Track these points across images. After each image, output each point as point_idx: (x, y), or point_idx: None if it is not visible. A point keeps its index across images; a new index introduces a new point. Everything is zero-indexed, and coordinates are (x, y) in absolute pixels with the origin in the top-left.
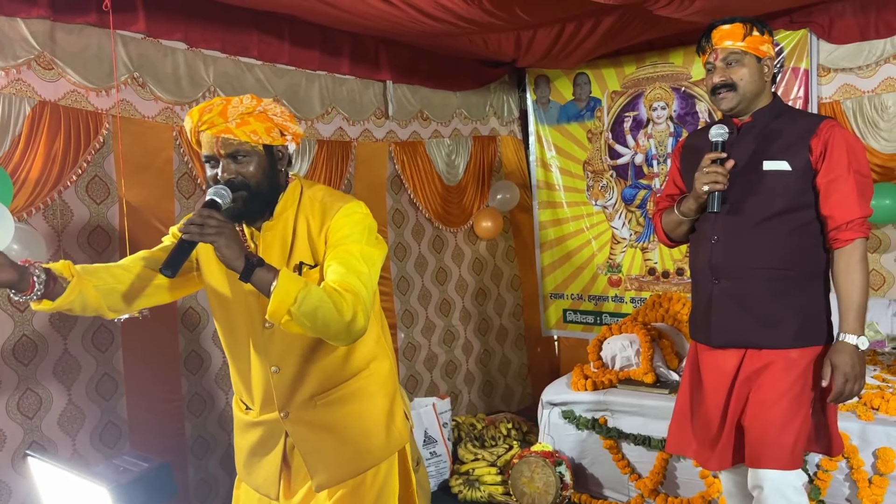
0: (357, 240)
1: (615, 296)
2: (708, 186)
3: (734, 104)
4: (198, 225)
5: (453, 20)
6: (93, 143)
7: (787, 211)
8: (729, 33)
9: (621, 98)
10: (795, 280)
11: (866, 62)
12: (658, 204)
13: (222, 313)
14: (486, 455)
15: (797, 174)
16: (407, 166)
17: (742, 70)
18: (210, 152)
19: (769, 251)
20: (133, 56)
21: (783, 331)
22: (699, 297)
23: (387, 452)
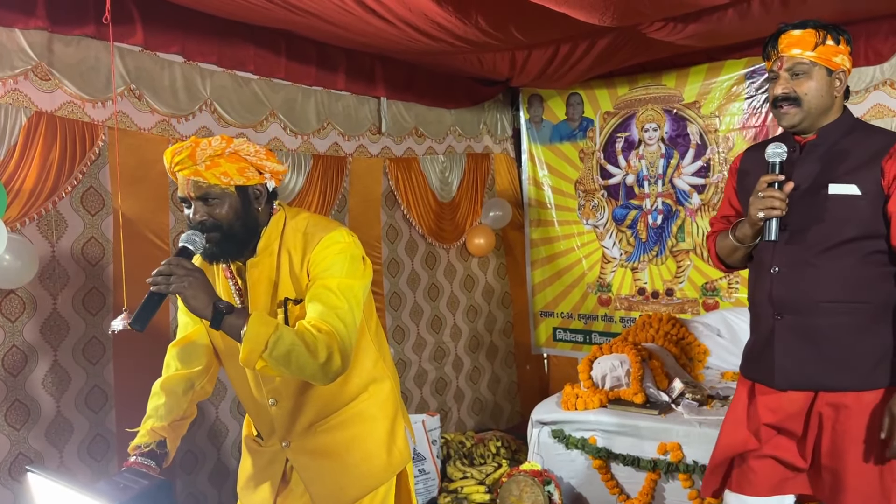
0: (336, 273)
1: (605, 315)
2: (763, 213)
3: (796, 121)
4: (165, 276)
5: (449, 39)
6: (88, 155)
7: (857, 239)
8: (798, 40)
9: (614, 119)
10: (867, 314)
11: (856, 88)
12: (713, 226)
13: (222, 349)
14: (474, 473)
15: (867, 199)
16: (401, 182)
17: (809, 83)
18: (183, 194)
19: (837, 283)
20: (130, 68)
21: (856, 371)
22: (759, 333)
23: (388, 474)
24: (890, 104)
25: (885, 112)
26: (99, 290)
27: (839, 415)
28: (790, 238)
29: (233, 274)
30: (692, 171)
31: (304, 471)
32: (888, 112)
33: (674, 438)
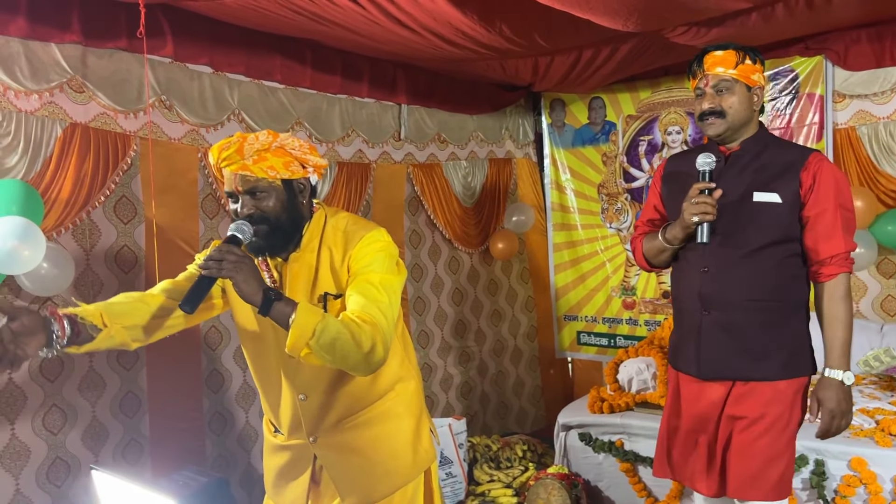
0: (377, 269)
1: (629, 318)
2: (697, 217)
3: (721, 131)
4: (216, 260)
5: (473, 46)
6: (121, 165)
7: (777, 243)
8: (721, 60)
9: (636, 122)
10: (783, 312)
11: (881, 89)
12: (637, 228)
13: (251, 342)
14: (501, 476)
15: (787, 206)
16: (425, 187)
17: (732, 98)
18: (230, 188)
19: (759, 283)
20: (161, 80)
21: (772, 362)
22: (685, 328)
23: (415, 472)
24: None
25: None
26: None
27: (751, 403)
28: (719, 241)
29: (269, 267)
30: None
31: (331, 467)
32: None
33: None
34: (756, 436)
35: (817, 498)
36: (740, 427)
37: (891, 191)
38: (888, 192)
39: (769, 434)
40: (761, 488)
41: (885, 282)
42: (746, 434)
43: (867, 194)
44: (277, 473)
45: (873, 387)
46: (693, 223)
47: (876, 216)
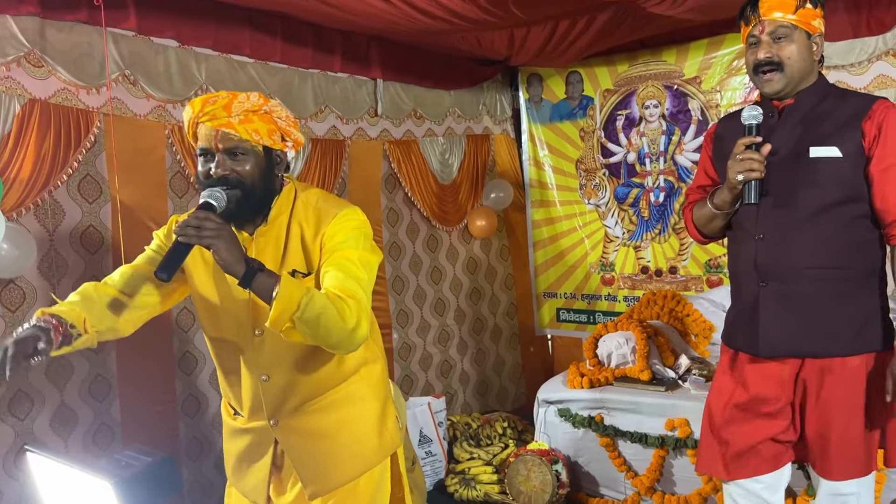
0: (354, 245)
1: (608, 294)
2: (742, 175)
3: (780, 87)
4: (194, 227)
5: (448, 17)
6: (84, 142)
7: (840, 203)
8: (780, 3)
9: (614, 96)
10: (851, 280)
11: (858, 59)
12: (688, 196)
13: (210, 320)
14: (481, 454)
15: (849, 161)
16: (402, 164)
17: (791, 47)
18: (207, 145)
19: (822, 249)
20: (124, 54)
21: (840, 337)
22: (742, 302)
23: (380, 457)
24: (893, 74)
25: (888, 83)
26: (99, 278)
27: (825, 381)
28: (773, 204)
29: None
30: (694, 148)
31: (292, 451)
32: (891, 83)
33: (681, 414)
34: (835, 418)
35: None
36: (819, 407)
37: None
38: None
39: (848, 415)
40: (851, 467)
41: None
42: (827, 415)
43: None
44: (238, 458)
45: None
46: (738, 182)
47: None
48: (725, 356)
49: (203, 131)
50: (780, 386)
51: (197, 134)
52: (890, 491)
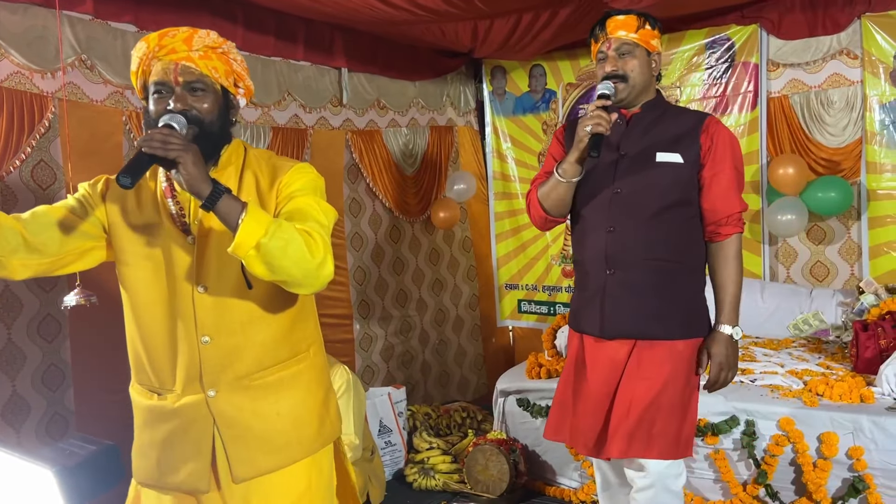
0: (312, 193)
1: (568, 286)
2: (591, 127)
3: (624, 95)
4: (160, 141)
5: (411, 8)
6: (38, 127)
7: (680, 203)
8: (623, 24)
9: (576, 90)
10: (683, 272)
11: (813, 58)
12: (534, 182)
13: (139, 280)
14: (440, 444)
15: (688, 167)
16: (365, 155)
17: (633, 61)
18: (164, 79)
19: (663, 243)
20: (81, 38)
21: (672, 322)
22: (588, 288)
23: (318, 445)
24: (846, 73)
25: (841, 81)
26: None
27: (650, 359)
28: (624, 200)
29: (174, 191)
30: None
31: (227, 428)
32: (844, 81)
33: None
34: (655, 394)
35: (748, 458)
36: (641, 386)
37: (821, 159)
38: (818, 160)
39: (667, 392)
40: (658, 446)
41: (814, 248)
42: (645, 392)
43: (798, 162)
44: (163, 446)
45: (802, 349)
46: (587, 133)
47: (807, 183)
48: (573, 340)
49: (160, 66)
50: (615, 365)
51: (149, 71)
52: (835, 479)
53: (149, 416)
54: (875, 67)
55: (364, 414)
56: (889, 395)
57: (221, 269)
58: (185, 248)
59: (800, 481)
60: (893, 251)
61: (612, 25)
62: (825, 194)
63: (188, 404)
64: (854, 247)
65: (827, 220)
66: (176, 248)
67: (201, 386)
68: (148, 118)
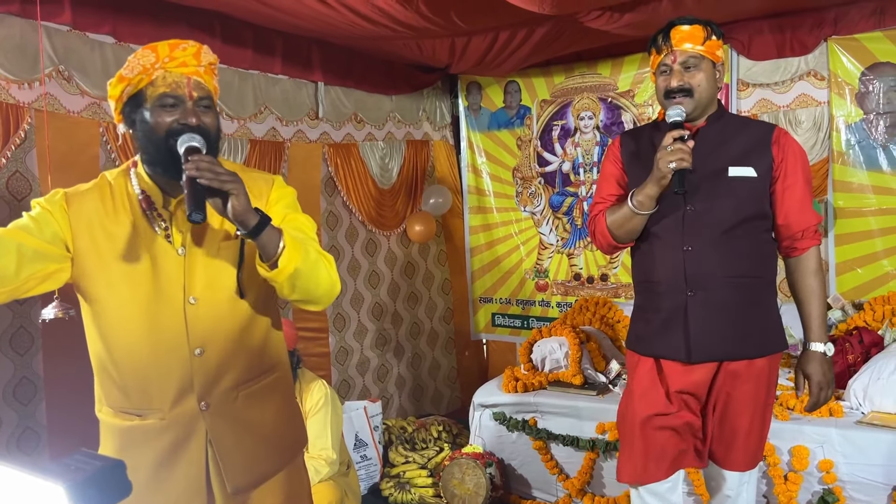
0: (297, 208)
1: (542, 300)
2: (675, 164)
3: (689, 110)
4: (209, 170)
5: (389, 24)
6: (13, 138)
7: (755, 217)
8: (689, 35)
9: (550, 107)
10: (760, 288)
11: (782, 78)
12: (596, 206)
13: (114, 296)
14: (416, 458)
15: (761, 180)
16: (341, 168)
17: (700, 75)
18: (179, 92)
19: (741, 259)
20: (58, 49)
21: (754, 340)
22: (663, 310)
23: (296, 449)
24: (814, 94)
25: (809, 101)
26: None
27: (736, 381)
28: (697, 218)
29: (153, 206)
30: None
31: (220, 440)
32: (812, 101)
33: (611, 418)
34: (744, 414)
35: None
36: (731, 406)
37: None
38: None
39: (754, 411)
40: (747, 460)
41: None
42: (736, 412)
43: None
44: (155, 466)
45: None
46: (669, 170)
47: None
48: (644, 365)
49: (170, 78)
50: (698, 389)
51: (150, 80)
52: (805, 492)
53: (128, 441)
54: (841, 89)
55: (341, 428)
56: (857, 409)
57: (211, 279)
58: (174, 260)
59: (772, 494)
60: (860, 268)
61: (677, 37)
62: None
63: (179, 421)
64: (822, 263)
65: None
66: (162, 261)
67: (194, 398)
68: (145, 128)
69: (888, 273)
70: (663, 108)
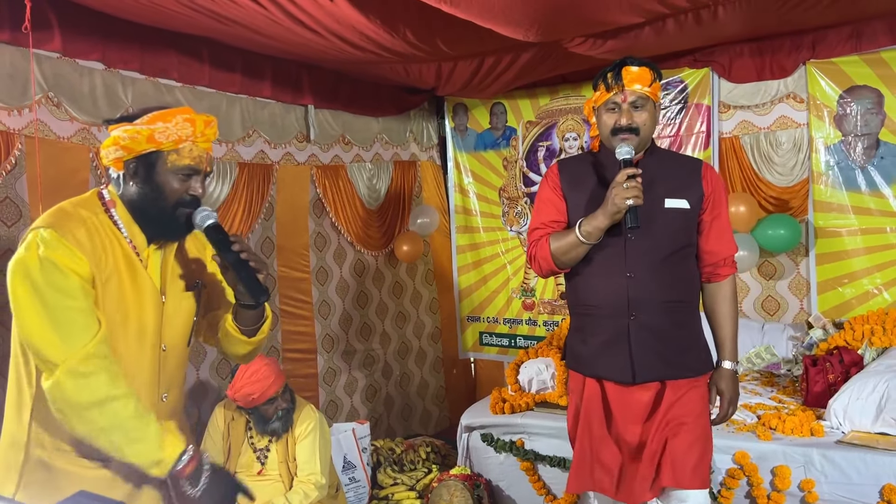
0: None
1: (529, 319)
2: (632, 200)
3: (635, 147)
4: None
5: (377, 50)
6: (3, 164)
7: (686, 246)
8: (639, 76)
9: (535, 128)
10: (690, 311)
11: (762, 100)
12: (536, 231)
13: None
14: (405, 479)
15: (693, 211)
16: (328, 190)
17: (645, 115)
18: (200, 166)
19: (674, 284)
20: (48, 75)
21: (691, 360)
22: (606, 334)
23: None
24: (793, 116)
25: (789, 123)
26: None
27: (680, 399)
28: (637, 246)
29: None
30: None
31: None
32: (792, 123)
33: None
34: (693, 429)
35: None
36: (675, 423)
37: (771, 197)
38: (768, 198)
39: (700, 426)
40: (702, 476)
41: (765, 283)
42: (688, 430)
43: (749, 200)
44: None
45: (755, 383)
46: (626, 206)
47: (757, 221)
48: (583, 386)
49: (196, 152)
50: (643, 407)
51: (178, 149)
52: None
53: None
54: (820, 111)
55: (329, 452)
56: (837, 428)
57: (178, 327)
58: (157, 307)
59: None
60: (840, 287)
61: (628, 77)
62: (775, 231)
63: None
64: (803, 282)
65: (777, 257)
66: (147, 307)
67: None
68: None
69: (868, 292)
70: (608, 144)
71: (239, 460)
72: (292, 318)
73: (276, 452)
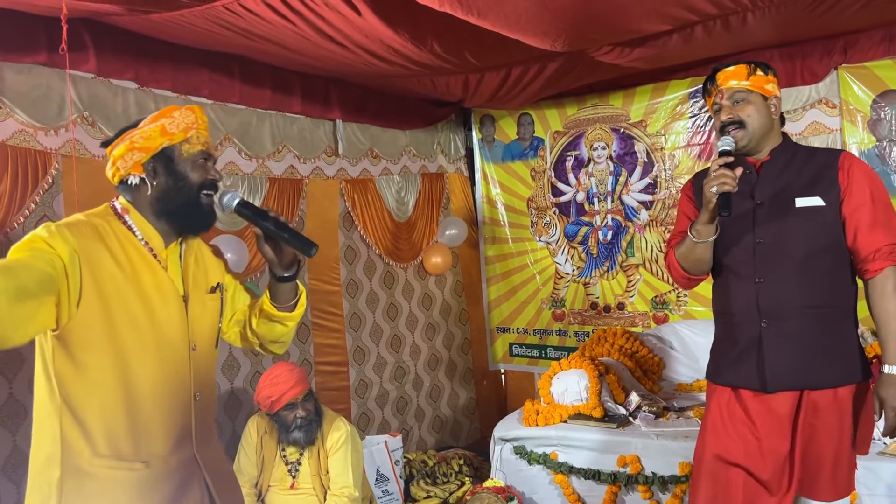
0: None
1: (559, 329)
2: (717, 187)
3: (745, 142)
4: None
5: (404, 63)
6: (41, 183)
7: (826, 247)
8: (733, 74)
9: (563, 138)
10: (837, 317)
11: (794, 107)
12: (668, 243)
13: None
14: (438, 492)
15: (829, 208)
16: (357, 203)
17: (749, 107)
18: (210, 151)
19: (815, 288)
20: (83, 95)
21: (833, 370)
22: (739, 340)
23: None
24: (826, 122)
25: (821, 129)
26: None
27: (819, 411)
28: (767, 250)
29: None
30: (640, 188)
31: (212, 475)
32: (824, 129)
33: (632, 451)
34: (836, 444)
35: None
36: (814, 436)
37: None
38: None
39: (839, 441)
40: (837, 490)
41: None
42: (828, 444)
43: None
44: None
45: None
46: (713, 194)
47: None
48: (719, 397)
49: (202, 137)
50: (780, 420)
51: (188, 139)
52: None
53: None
54: (853, 116)
55: (362, 465)
56: (879, 439)
57: (204, 327)
58: (180, 307)
59: None
60: None
61: (721, 77)
62: None
63: (182, 465)
64: None
65: None
66: (172, 308)
67: (192, 442)
68: (179, 180)
69: None
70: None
71: (272, 473)
72: (324, 330)
73: (307, 465)
